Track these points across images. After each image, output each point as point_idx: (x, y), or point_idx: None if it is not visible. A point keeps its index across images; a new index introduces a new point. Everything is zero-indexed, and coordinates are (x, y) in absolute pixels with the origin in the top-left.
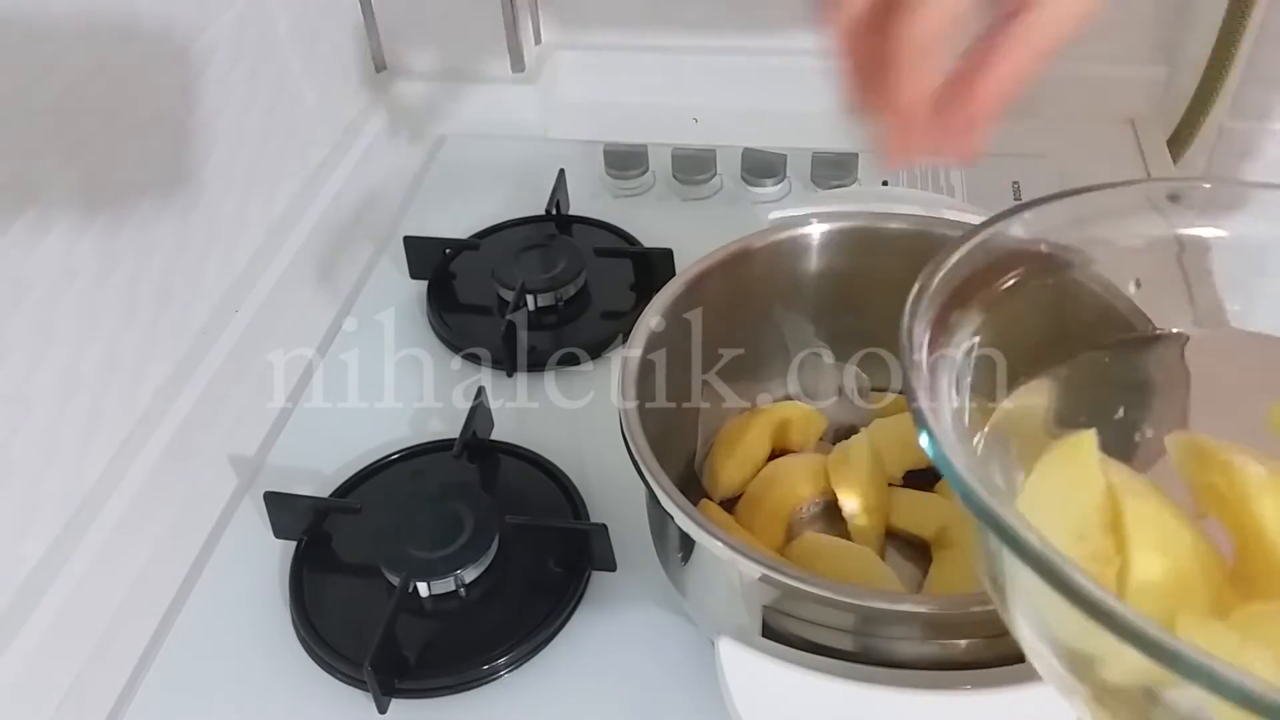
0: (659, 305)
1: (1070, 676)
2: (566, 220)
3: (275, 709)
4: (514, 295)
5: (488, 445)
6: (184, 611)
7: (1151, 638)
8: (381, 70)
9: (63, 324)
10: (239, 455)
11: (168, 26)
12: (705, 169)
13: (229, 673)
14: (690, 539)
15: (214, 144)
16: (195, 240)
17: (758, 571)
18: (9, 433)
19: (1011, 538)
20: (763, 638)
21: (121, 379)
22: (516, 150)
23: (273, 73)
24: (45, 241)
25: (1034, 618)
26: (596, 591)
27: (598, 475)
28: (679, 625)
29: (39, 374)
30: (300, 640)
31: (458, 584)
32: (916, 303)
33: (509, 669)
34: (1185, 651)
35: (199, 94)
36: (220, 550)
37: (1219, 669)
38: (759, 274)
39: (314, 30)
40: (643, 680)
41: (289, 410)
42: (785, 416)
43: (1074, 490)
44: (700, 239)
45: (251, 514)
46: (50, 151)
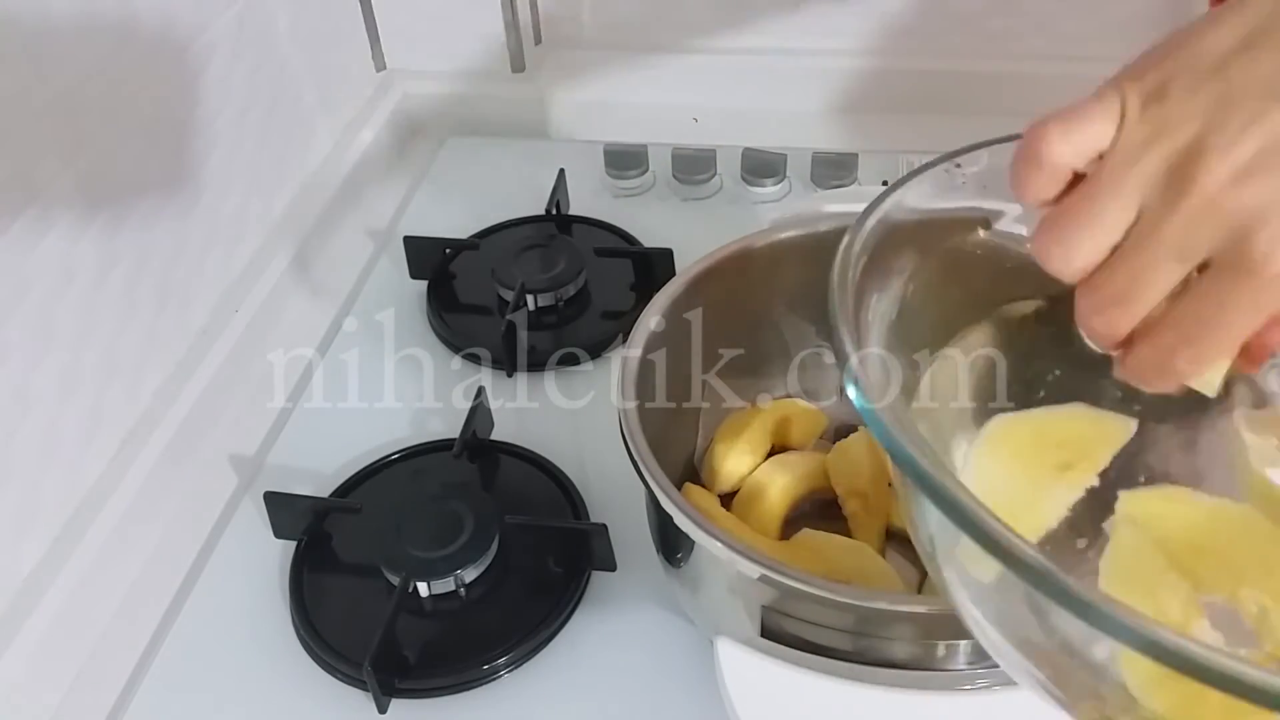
0: (659, 305)
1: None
2: (566, 220)
3: (275, 709)
4: (514, 295)
5: (488, 445)
6: (184, 611)
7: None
8: (381, 70)
9: (63, 324)
10: (239, 455)
11: (168, 26)
12: (705, 169)
13: (229, 673)
14: (690, 539)
15: (214, 144)
16: (195, 240)
17: (757, 571)
18: (9, 433)
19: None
20: (761, 638)
21: (121, 379)
22: (516, 150)
23: (273, 73)
24: (45, 241)
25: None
26: (596, 591)
27: (598, 475)
28: (679, 625)
29: (39, 374)
30: (300, 640)
31: (458, 584)
32: (846, 255)
33: (509, 669)
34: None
35: (199, 94)
36: (220, 550)
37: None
38: (759, 274)
39: (314, 30)
40: (642, 680)
41: (289, 410)
42: (786, 414)
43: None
44: (700, 239)
45: (251, 514)
46: (50, 151)
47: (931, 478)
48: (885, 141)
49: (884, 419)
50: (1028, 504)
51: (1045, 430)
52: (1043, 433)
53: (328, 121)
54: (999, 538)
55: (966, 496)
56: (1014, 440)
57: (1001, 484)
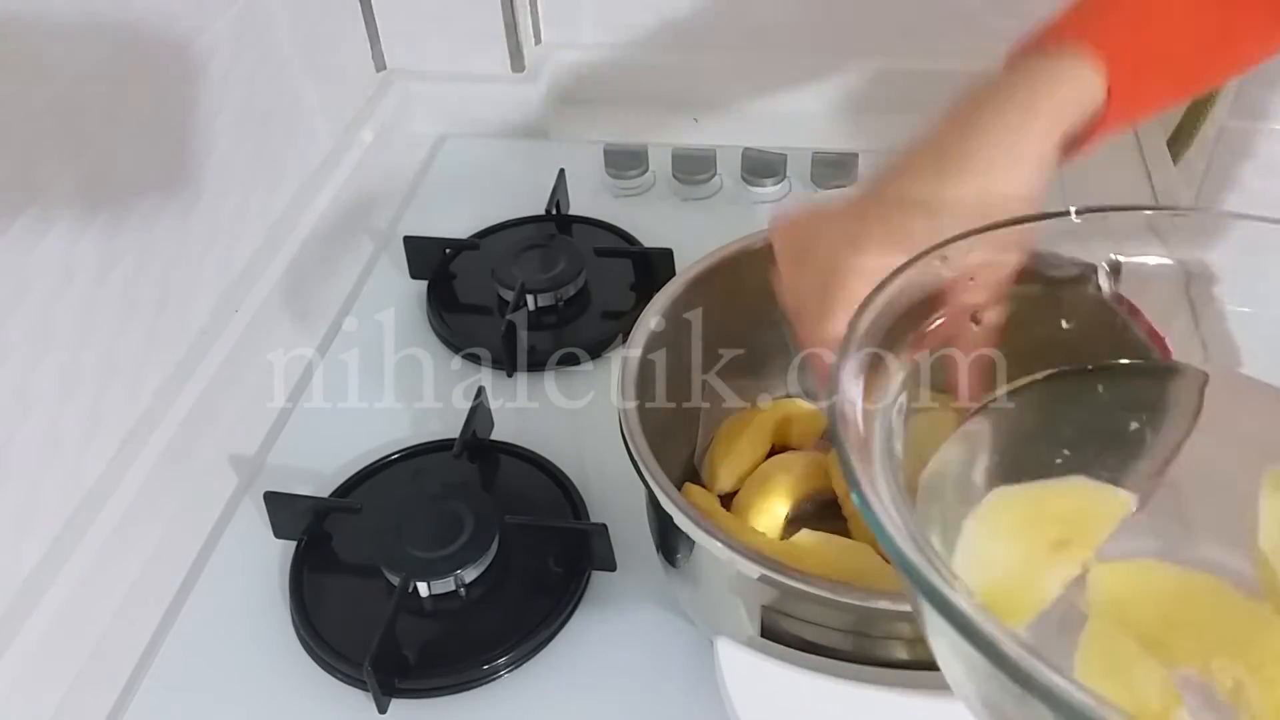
0: (659, 305)
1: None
2: (566, 220)
3: (275, 709)
4: (514, 295)
5: (488, 445)
6: (184, 611)
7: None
8: (381, 70)
9: (63, 324)
10: (239, 455)
11: (168, 26)
12: (705, 169)
13: (229, 672)
14: (690, 539)
15: (214, 144)
16: (195, 240)
17: (757, 571)
18: (9, 433)
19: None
20: (761, 638)
21: (121, 379)
22: (516, 150)
23: (273, 73)
24: (45, 241)
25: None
26: (596, 591)
27: (598, 475)
28: (679, 625)
29: (39, 374)
30: (300, 640)
31: (458, 584)
32: (846, 347)
33: (509, 669)
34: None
35: (199, 94)
36: (220, 550)
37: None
38: (759, 274)
39: (314, 30)
40: (642, 680)
41: (289, 410)
42: (786, 414)
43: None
44: (700, 239)
45: (251, 514)
46: (50, 151)
47: (934, 590)
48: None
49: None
50: (1024, 582)
51: (1043, 504)
52: (1041, 507)
53: (328, 121)
54: (984, 633)
55: (963, 603)
56: (1012, 513)
57: (999, 559)
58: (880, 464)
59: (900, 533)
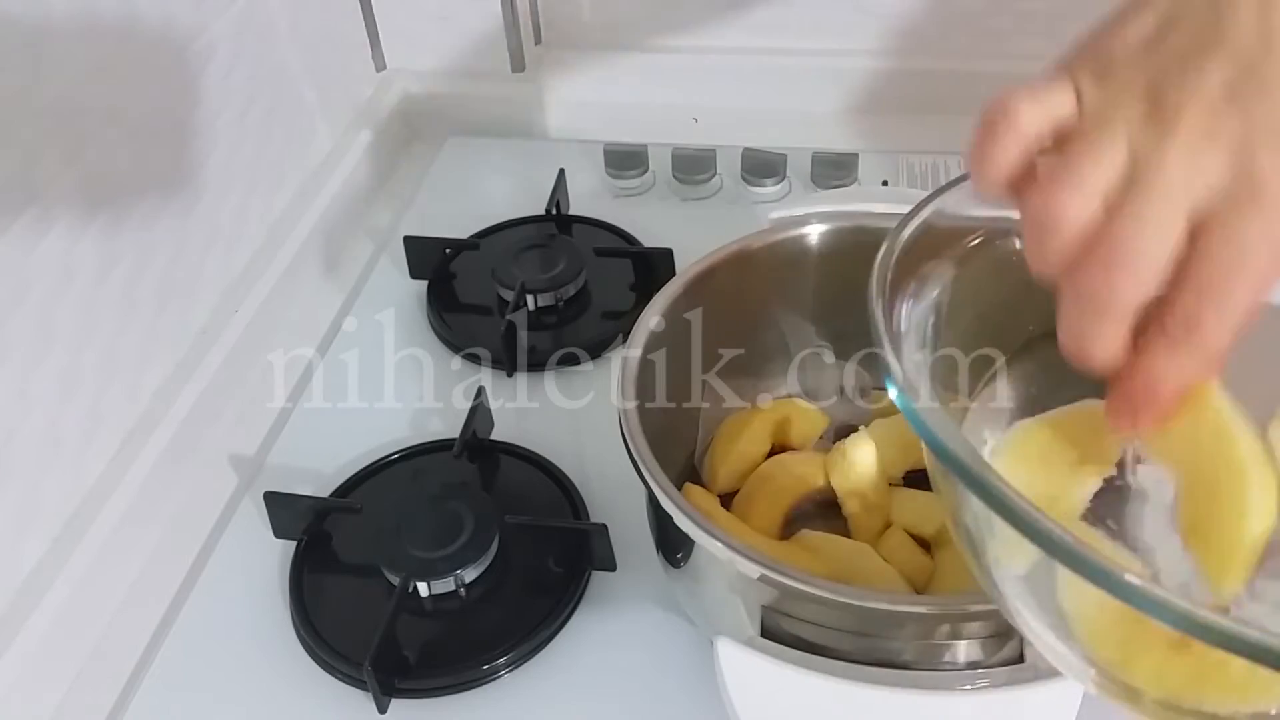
0: (659, 305)
1: (1063, 646)
2: (566, 220)
3: (275, 709)
4: (514, 295)
5: (488, 445)
6: (184, 611)
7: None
8: (381, 70)
9: (63, 324)
10: (239, 455)
11: (168, 26)
12: (705, 169)
13: (229, 673)
14: (690, 539)
15: (214, 144)
16: (195, 240)
17: (756, 572)
18: (9, 433)
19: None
20: (761, 638)
21: (121, 379)
22: (516, 150)
23: (272, 73)
24: (45, 241)
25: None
26: (596, 591)
27: (598, 475)
28: (679, 625)
29: (39, 374)
30: (300, 640)
31: (458, 584)
32: (885, 260)
33: (509, 669)
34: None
35: (199, 94)
36: (220, 550)
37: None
38: (759, 274)
39: (314, 30)
40: (642, 680)
41: (289, 410)
42: (786, 414)
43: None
44: (700, 239)
45: (251, 514)
46: (50, 151)
47: (969, 469)
48: (885, 141)
49: (926, 419)
50: (1049, 503)
51: (1060, 430)
52: (1058, 433)
53: (328, 121)
54: (1029, 518)
55: (1000, 482)
56: (1032, 444)
57: (1024, 487)
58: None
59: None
